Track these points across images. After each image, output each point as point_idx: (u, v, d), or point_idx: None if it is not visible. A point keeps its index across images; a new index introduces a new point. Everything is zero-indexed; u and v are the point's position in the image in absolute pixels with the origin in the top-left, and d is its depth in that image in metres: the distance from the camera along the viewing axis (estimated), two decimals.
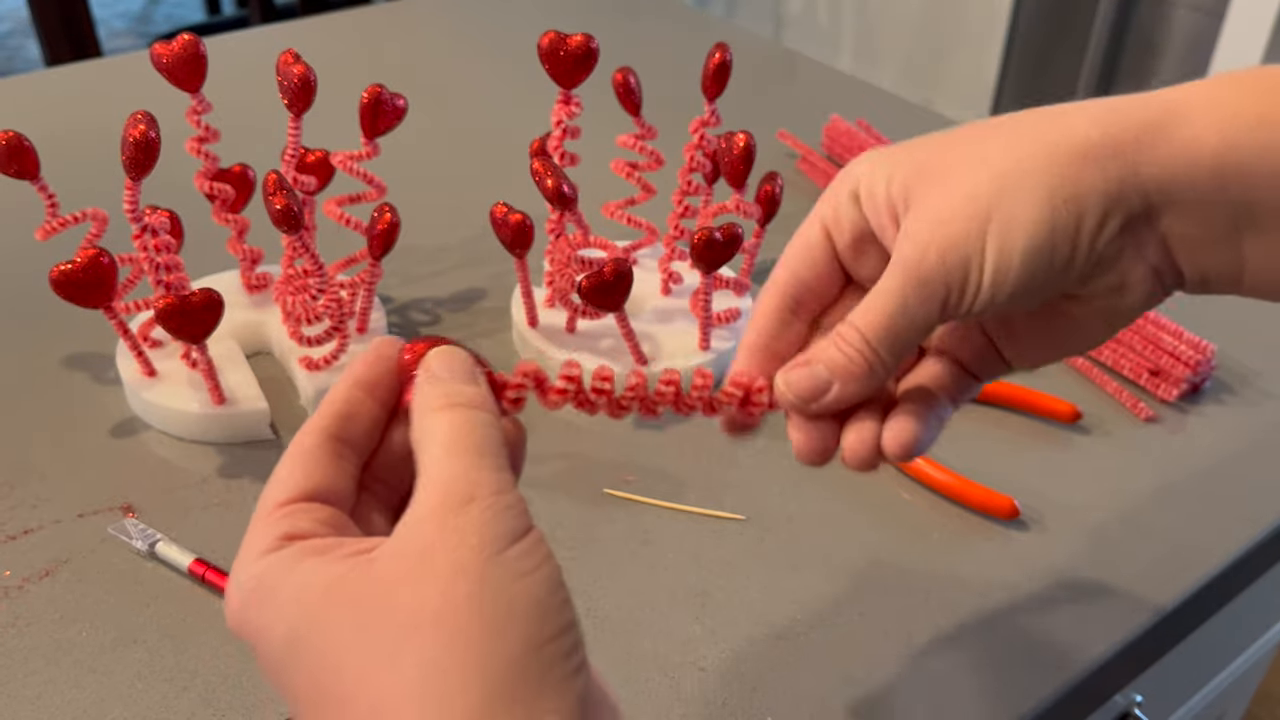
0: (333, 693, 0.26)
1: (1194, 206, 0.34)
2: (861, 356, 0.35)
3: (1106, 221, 0.34)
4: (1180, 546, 0.53)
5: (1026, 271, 0.33)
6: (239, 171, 0.63)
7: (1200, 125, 0.33)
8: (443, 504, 0.28)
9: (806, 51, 1.12)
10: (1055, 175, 0.34)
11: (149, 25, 3.17)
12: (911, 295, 0.34)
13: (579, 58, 0.59)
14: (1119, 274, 0.35)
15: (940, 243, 0.34)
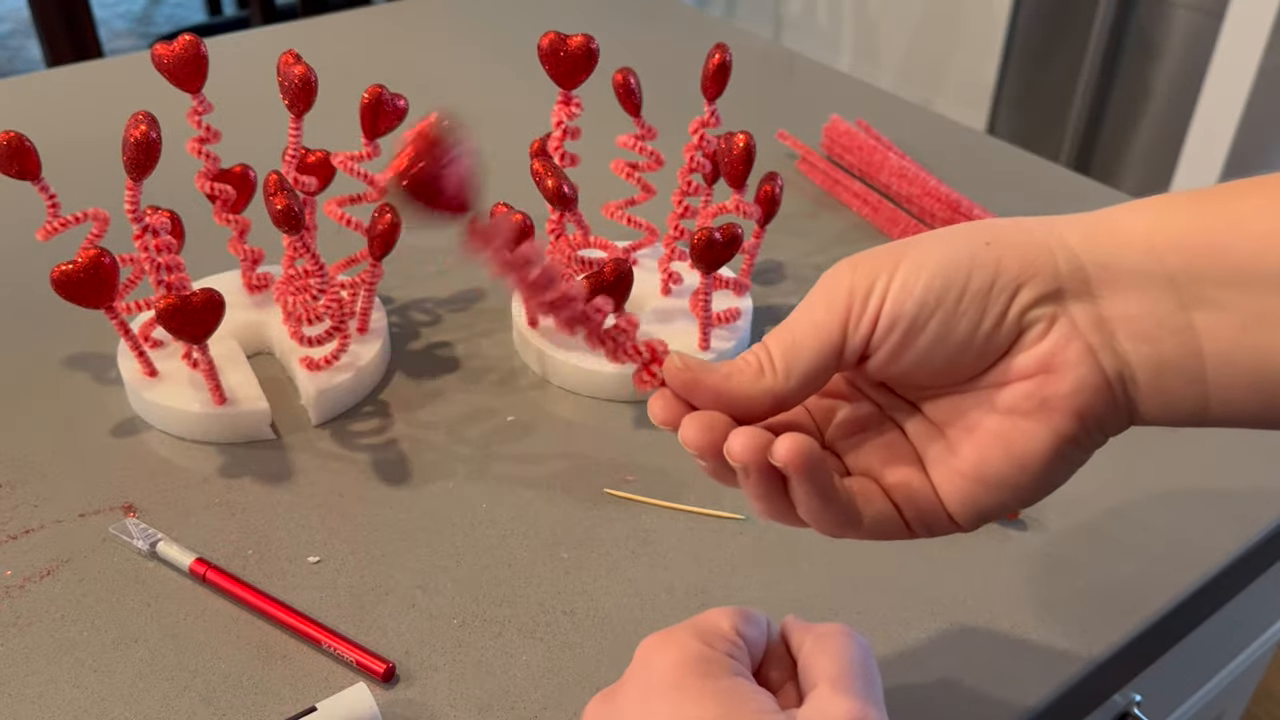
0: None
1: (1130, 278, 0.32)
2: (755, 357, 0.35)
3: (1028, 276, 0.33)
4: (1180, 546, 0.54)
5: (934, 286, 0.33)
6: (240, 172, 0.63)
7: (1128, 212, 0.33)
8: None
9: (806, 51, 1.12)
10: (979, 229, 0.34)
11: (150, 26, 3.17)
12: (818, 306, 0.34)
13: (579, 58, 0.59)
14: (1047, 348, 0.33)
15: (855, 261, 0.34)
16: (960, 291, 0.33)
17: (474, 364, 0.64)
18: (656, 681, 0.34)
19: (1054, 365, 0.33)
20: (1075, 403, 0.33)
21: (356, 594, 0.49)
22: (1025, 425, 0.34)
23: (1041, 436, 0.33)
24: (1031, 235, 0.34)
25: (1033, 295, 0.33)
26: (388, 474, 0.56)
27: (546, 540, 0.53)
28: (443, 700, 0.45)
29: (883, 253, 0.34)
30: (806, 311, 0.35)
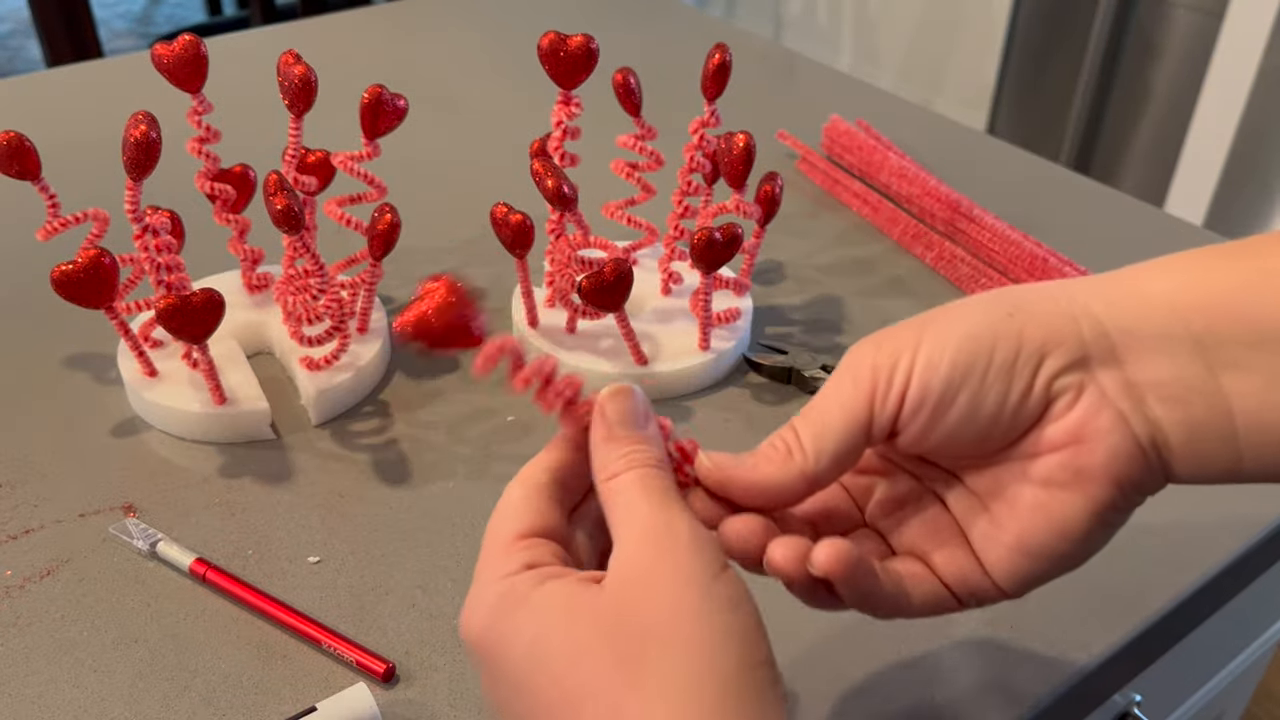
0: (575, 690, 0.29)
1: (1156, 343, 0.32)
2: (784, 443, 0.34)
3: (1052, 346, 0.33)
4: (1180, 546, 0.54)
5: (960, 362, 0.33)
6: (240, 172, 0.63)
7: (1149, 275, 0.33)
8: (648, 535, 0.31)
9: (806, 52, 1.12)
10: (1001, 296, 0.34)
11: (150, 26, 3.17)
12: (846, 382, 0.34)
13: (579, 58, 0.59)
14: (1077, 418, 0.33)
15: (878, 339, 0.34)
16: (986, 365, 0.33)
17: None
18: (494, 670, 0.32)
19: (1085, 435, 0.33)
20: (1111, 471, 0.33)
21: (356, 594, 0.49)
22: (1063, 496, 0.34)
23: (1080, 506, 0.33)
24: (1055, 303, 0.33)
25: (1058, 364, 0.33)
26: (388, 474, 0.56)
27: None
28: (443, 700, 0.45)
29: (905, 329, 0.34)
30: (833, 392, 0.35)
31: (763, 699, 0.29)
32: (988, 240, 0.73)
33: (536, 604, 0.31)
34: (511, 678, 0.31)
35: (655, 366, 0.61)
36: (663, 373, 0.61)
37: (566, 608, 0.31)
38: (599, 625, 0.30)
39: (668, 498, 0.32)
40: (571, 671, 0.30)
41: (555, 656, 0.30)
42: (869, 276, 0.73)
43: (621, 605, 0.30)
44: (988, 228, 0.74)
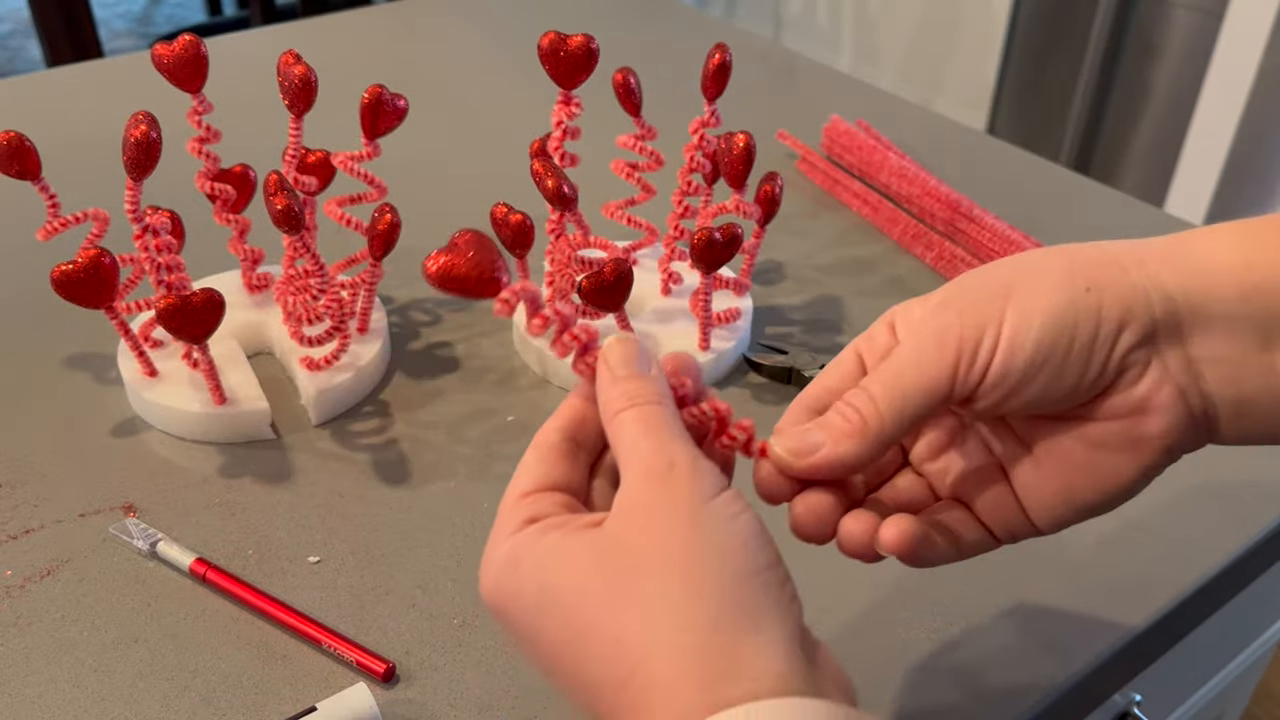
0: (580, 628, 0.30)
1: (1221, 322, 0.34)
2: (858, 414, 0.35)
3: (1127, 322, 0.34)
4: (1180, 546, 0.54)
5: (1044, 343, 0.34)
6: (240, 172, 0.63)
7: (1217, 246, 0.34)
8: (649, 472, 0.32)
9: (806, 52, 1.12)
10: (1076, 265, 0.34)
11: (150, 26, 3.17)
12: (927, 347, 0.34)
13: (579, 58, 0.59)
14: (1141, 392, 0.35)
15: (959, 304, 0.35)
16: (1068, 345, 0.34)
17: (474, 364, 0.64)
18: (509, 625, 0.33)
19: (1148, 407, 0.35)
20: (1165, 441, 0.35)
21: (356, 594, 0.49)
22: (1114, 458, 0.36)
23: (1130, 468, 0.36)
24: (1126, 274, 0.34)
25: (1131, 340, 0.34)
26: (388, 474, 0.56)
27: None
28: (443, 700, 0.45)
29: (988, 298, 0.34)
30: (912, 358, 0.35)
31: (765, 604, 0.30)
32: (988, 240, 0.73)
33: (538, 555, 0.32)
34: (526, 630, 0.32)
35: None
36: None
37: (567, 552, 0.32)
38: (597, 563, 0.31)
39: (668, 432, 0.33)
40: (577, 611, 0.31)
41: (560, 600, 0.31)
42: (869, 276, 0.73)
43: (618, 540, 0.31)
44: (988, 228, 0.74)
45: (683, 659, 0.29)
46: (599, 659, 0.30)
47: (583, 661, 0.31)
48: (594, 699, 0.31)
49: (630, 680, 0.29)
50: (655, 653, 0.29)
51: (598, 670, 0.30)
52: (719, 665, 0.29)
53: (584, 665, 0.31)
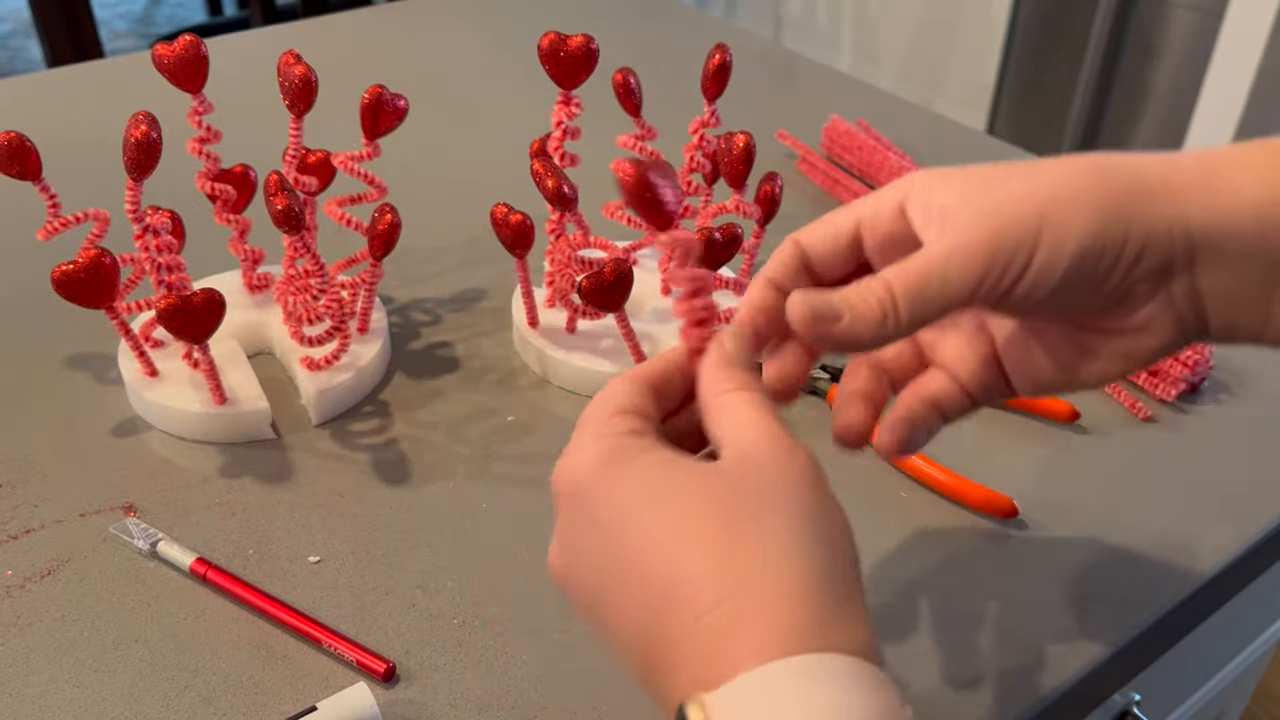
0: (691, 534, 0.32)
1: (1233, 258, 0.35)
2: (880, 305, 0.35)
3: (1145, 253, 0.35)
4: (1179, 546, 0.54)
5: (1072, 271, 0.35)
6: (240, 172, 0.63)
7: (1241, 178, 0.35)
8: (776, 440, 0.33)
9: (806, 52, 1.12)
10: (1109, 195, 0.35)
11: (150, 26, 3.17)
12: (955, 262, 0.35)
13: (579, 58, 0.59)
14: (1146, 315, 0.36)
15: (996, 221, 0.35)
16: (1091, 272, 0.35)
17: (474, 364, 0.64)
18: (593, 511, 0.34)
19: (1146, 328, 0.37)
20: (1154, 355, 0.38)
21: (357, 594, 0.49)
22: (1101, 364, 0.38)
23: (1115, 372, 0.39)
24: (1157, 208, 0.35)
25: (1147, 269, 0.36)
26: (388, 474, 0.56)
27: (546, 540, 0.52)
28: (443, 700, 0.45)
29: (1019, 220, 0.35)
30: (940, 262, 0.35)
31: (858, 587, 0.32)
32: None
33: (647, 463, 0.33)
34: (609, 524, 0.33)
35: None
36: None
37: (691, 471, 0.33)
38: (722, 491, 0.32)
39: (779, 417, 0.35)
40: (681, 530, 0.32)
41: (670, 505, 0.32)
42: None
43: (746, 482, 0.32)
44: None
45: (789, 596, 0.30)
46: (696, 575, 0.31)
47: (675, 572, 0.31)
48: (661, 613, 0.31)
49: (726, 601, 0.30)
50: (762, 583, 0.30)
51: (689, 585, 0.31)
52: (818, 615, 0.30)
53: (675, 577, 0.31)
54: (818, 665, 0.29)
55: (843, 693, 0.29)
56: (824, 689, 0.29)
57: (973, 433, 0.60)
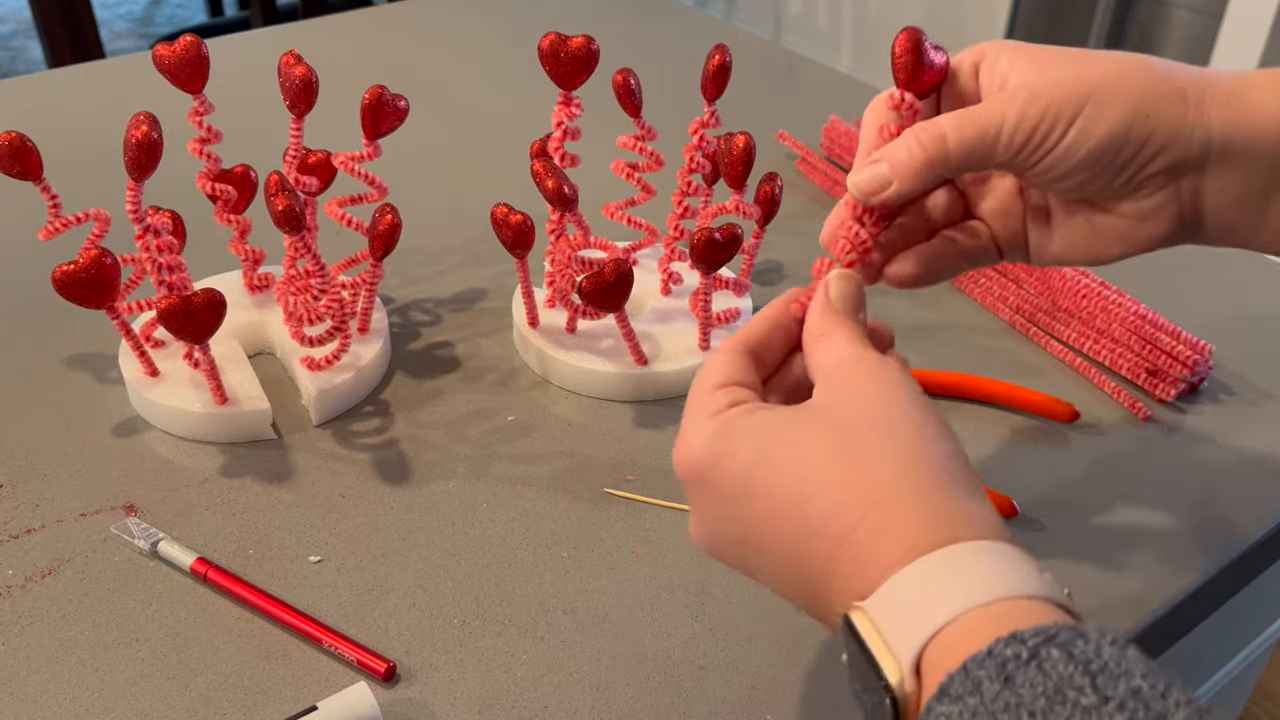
0: (808, 480, 0.35)
1: (1244, 164, 0.39)
2: (924, 154, 0.40)
3: (1164, 151, 0.39)
4: (1178, 546, 0.54)
5: (1096, 152, 0.39)
6: (241, 172, 0.63)
7: (1267, 98, 0.39)
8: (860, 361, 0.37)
9: (806, 52, 1.12)
10: (1146, 94, 0.39)
11: (151, 27, 3.17)
12: (1011, 121, 0.39)
13: (579, 59, 0.59)
14: (1151, 205, 0.41)
15: (1050, 97, 0.39)
16: (1113, 159, 0.39)
17: (474, 364, 0.64)
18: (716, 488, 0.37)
19: (1149, 218, 0.41)
20: (1153, 242, 0.42)
21: (357, 593, 0.49)
22: (1107, 243, 0.43)
23: (1116, 252, 0.43)
24: (1185, 112, 0.39)
25: (1162, 165, 0.40)
26: (388, 474, 0.56)
27: (546, 540, 0.53)
28: (443, 700, 0.45)
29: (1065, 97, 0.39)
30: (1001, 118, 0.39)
31: (972, 480, 0.35)
32: None
33: (753, 426, 0.37)
34: (734, 491, 0.36)
35: (655, 366, 0.61)
36: (663, 373, 0.61)
37: (786, 422, 0.36)
38: (825, 429, 0.36)
39: (868, 344, 0.39)
40: (804, 466, 0.35)
41: (785, 457, 0.35)
42: None
43: (845, 413, 0.36)
44: None
45: (911, 505, 0.33)
46: (828, 508, 0.34)
47: (808, 511, 0.35)
48: (805, 548, 0.35)
49: (862, 522, 0.34)
50: (887, 498, 0.34)
51: (824, 518, 0.34)
52: (943, 514, 0.33)
53: (809, 514, 0.34)
54: (956, 553, 0.32)
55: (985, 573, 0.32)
56: (965, 573, 0.32)
57: (972, 433, 0.60)
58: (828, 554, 0.34)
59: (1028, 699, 0.28)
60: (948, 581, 0.32)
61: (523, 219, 0.58)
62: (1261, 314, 0.71)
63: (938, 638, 0.31)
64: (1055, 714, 0.27)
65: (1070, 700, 0.27)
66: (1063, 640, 0.28)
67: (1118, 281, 0.69)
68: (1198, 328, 0.65)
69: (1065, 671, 0.28)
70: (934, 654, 0.31)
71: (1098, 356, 0.65)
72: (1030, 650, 0.28)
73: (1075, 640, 0.28)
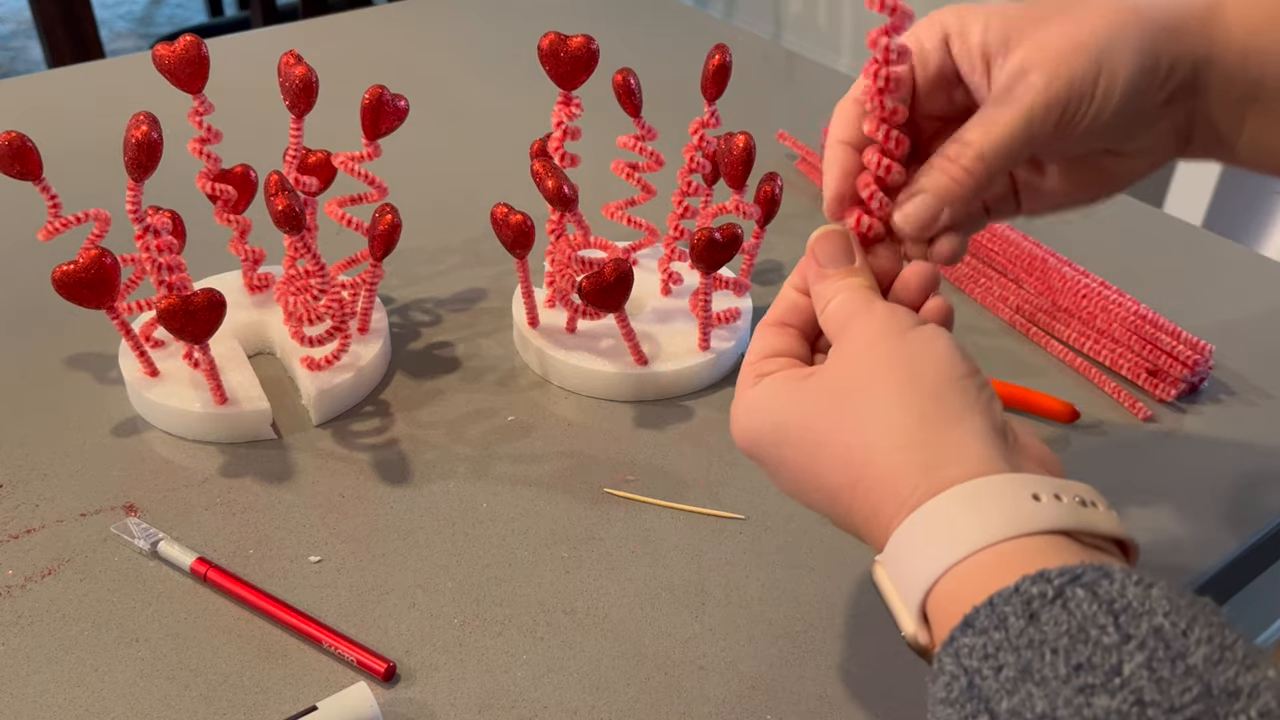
0: (812, 448, 0.38)
1: (1222, 81, 0.40)
2: (969, 175, 0.40)
3: (1169, 81, 0.40)
4: (1179, 546, 0.54)
5: (1120, 112, 0.39)
6: (241, 172, 0.63)
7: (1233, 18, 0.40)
8: (853, 324, 0.39)
9: (806, 52, 1.12)
10: (1146, 39, 0.39)
11: (151, 26, 3.17)
12: (1039, 113, 0.39)
13: (579, 59, 0.59)
14: (1155, 137, 0.42)
15: (1067, 74, 0.39)
16: (1136, 106, 0.40)
17: (474, 364, 0.64)
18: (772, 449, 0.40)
19: (1151, 150, 0.42)
20: (1146, 174, 0.43)
21: (357, 593, 0.49)
22: (1112, 181, 0.44)
23: (1104, 190, 0.44)
24: (1178, 44, 0.40)
25: (1169, 95, 0.40)
26: (388, 474, 0.56)
27: (546, 540, 0.53)
28: (443, 700, 0.45)
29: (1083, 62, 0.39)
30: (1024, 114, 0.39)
31: (965, 403, 0.36)
32: (987, 240, 0.73)
33: (766, 400, 0.39)
34: (772, 460, 0.40)
35: (655, 366, 0.61)
36: (663, 373, 0.61)
37: (787, 392, 0.39)
38: (816, 394, 0.38)
39: (867, 295, 0.40)
40: (807, 435, 0.38)
41: (792, 430, 0.38)
42: None
43: (831, 374, 0.38)
44: (987, 228, 0.74)
45: (898, 454, 0.35)
46: (832, 469, 0.37)
47: (821, 474, 0.37)
48: (834, 503, 0.37)
49: (859, 481, 0.36)
50: (874, 453, 0.35)
51: (832, 478, 0.37)
52: (928, 454, 0.35)
53: (822, 477, 0.37)
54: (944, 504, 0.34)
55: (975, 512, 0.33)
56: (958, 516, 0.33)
57: None
58: (849, 510, 0.37)
59: (1051, 636, 0.29)
60: (940, 531, 0.33)
61: (523, 219, 0.58)
62: (1261, 314, 0.71)
63: (938, 586, 0.33)
64: (1078, 651, 0.28)
65: (1093, 639, 0.28)
66: (1088, 580, 0.29)
67: (1118, 281, 0.69)
68: (1198, 328, 0.65)
69: (1089, 610, 0.29)
70: (938, 601, 0.33)
71: (1098, 356, 0.65)
72: (1055, 589, 0.29)
73: (1100, 580, 0.29)
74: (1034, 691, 0.28)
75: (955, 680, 0.30)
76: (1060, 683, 0.28)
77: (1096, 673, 0.27)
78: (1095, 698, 0.27)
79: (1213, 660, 0.27)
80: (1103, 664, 0.28)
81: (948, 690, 0.30)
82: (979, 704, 0.29)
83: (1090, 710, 0.27)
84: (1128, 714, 0.27)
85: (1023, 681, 0.28)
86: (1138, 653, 0.27)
